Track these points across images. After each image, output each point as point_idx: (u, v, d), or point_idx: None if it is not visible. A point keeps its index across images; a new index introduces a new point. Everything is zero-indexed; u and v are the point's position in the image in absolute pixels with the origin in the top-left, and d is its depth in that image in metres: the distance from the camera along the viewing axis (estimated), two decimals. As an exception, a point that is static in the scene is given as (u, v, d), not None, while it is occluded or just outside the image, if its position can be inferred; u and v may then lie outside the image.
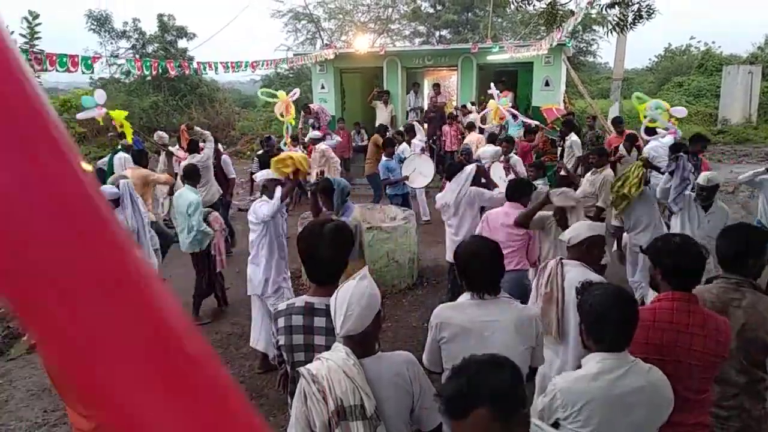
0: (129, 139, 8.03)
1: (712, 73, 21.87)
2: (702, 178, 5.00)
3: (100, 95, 8.10)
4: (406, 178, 8.46)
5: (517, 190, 4.78)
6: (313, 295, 2.36)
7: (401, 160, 8.75)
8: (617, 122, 9.82)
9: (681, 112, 8.09)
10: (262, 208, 4.53)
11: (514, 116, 10.73)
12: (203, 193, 7.14)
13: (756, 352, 2.67)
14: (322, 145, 9.25)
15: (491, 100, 10.58)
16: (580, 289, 2.62)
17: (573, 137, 9.15)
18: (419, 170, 8.46)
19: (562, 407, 2.16)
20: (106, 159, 9.56)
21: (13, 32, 8.75)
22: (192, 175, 6.13)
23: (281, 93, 9.55)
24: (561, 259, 3.28)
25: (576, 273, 3.02)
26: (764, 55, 24.21)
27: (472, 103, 13.18)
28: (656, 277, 2.58)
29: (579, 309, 2.35)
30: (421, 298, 6.48)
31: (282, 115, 9.50)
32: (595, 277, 2.86)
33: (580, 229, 3.21)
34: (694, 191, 5.10)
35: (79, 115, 8.34)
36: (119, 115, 8.17)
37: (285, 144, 9.81)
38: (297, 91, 10.03)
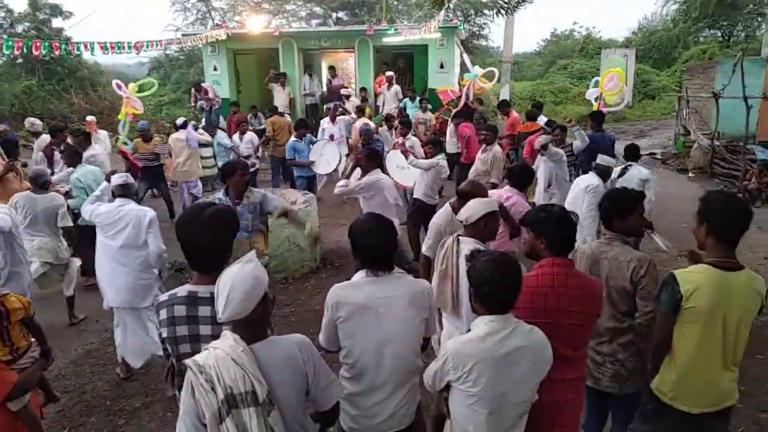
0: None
1: (592, 56, 23.43)
2: None
3: None
4: (312, 162, 8.45)
5: (522, 178, 4.79)
6: (197, 283, 2.24)
7: (312, 143, 8.69)
8: (503, 105, 10.29)
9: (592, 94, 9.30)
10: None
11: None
12: None
13: (619, 299, 2.95)
14: (178, 134, 8.73)
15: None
16: (468, 257, 2.75)
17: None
18: (326, 157, 8.46)
19: (453, 369, 2.24)
20: None
21: None
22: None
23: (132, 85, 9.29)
24: (458, 236, 3.36)
25: (470, 248, 3.10)
26: (638, 39, 26.30)
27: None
28: (537, 247, 2.71)
29: (468, 274, 2.43)
30: (324, 282, 6.44)
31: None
32: (476, 248, 2.98)
33: (476, 207, 3.27)
34: None
35: None
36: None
37: (120, 141, 9.46)
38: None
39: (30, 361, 2.70)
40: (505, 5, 5.87)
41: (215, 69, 14.42)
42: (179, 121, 8.98)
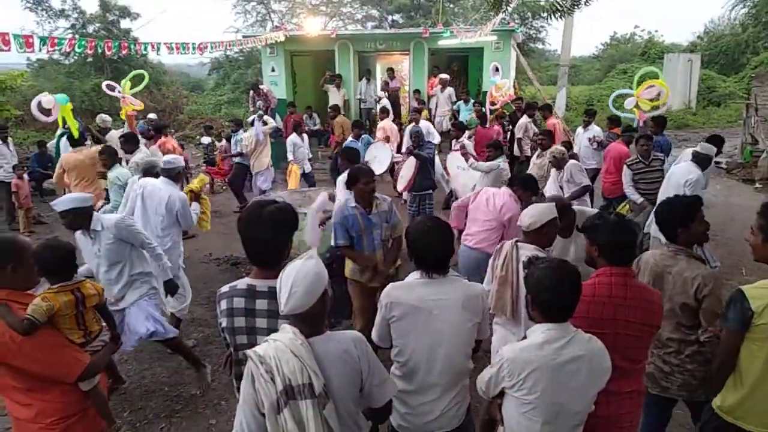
0: (75, 133, 7.66)
1: (654, 60, 22.64)
2: None
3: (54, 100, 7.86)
4: (366, 163, 8.51)
5: (531, 186, 4.67)
6: (255, 277, 2.31)
7: (368, 144, 8.78)
8: (545, 108, 10.16)
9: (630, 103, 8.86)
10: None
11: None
12: None
13: (683, 314, 2.86)
14: (249, 132, 9.06)
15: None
16: (526, 263, 2.71)
17: (523, 119, 9.47)
18: (378, 158, 8.53)
19: (509, 376, 2.23)
20: (53, 142, 9.29)
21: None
22: None
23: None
24: (516, 241, 3.33)
25: (531, 255, 3.07)
26: (703, 44, 25.25)
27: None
28: (593, 254, 2.67)
29: (525, 281, 2.41)
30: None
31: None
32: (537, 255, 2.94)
33: (541, 214, 3.23)
34: None
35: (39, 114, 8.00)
36: (66, 111, 7.86)
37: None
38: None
39: (100, 344, 2.83)
40: (561, 7, 5.75)
41: (273, 70, 14.73)
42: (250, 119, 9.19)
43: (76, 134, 7.61)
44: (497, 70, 10.89)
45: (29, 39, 6.90)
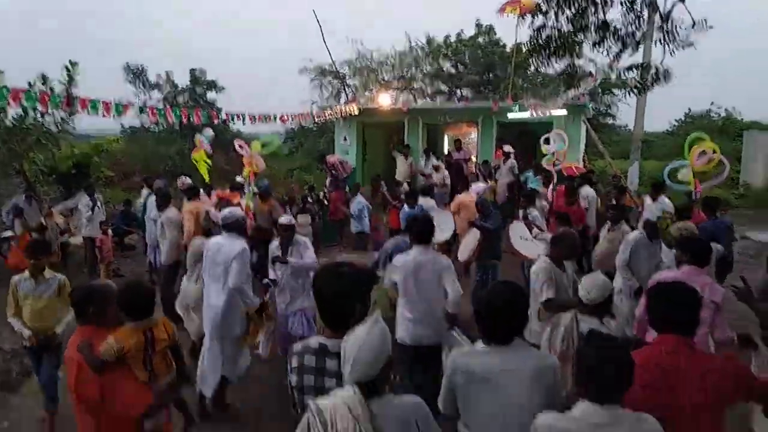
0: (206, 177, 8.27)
1: (733, 138, 21.89)
2: None
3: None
4: None
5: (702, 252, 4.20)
6: (328, 336, 2.34)
7: (423, 211, 8.82)
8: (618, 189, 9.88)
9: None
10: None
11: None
12: None
13: None
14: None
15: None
16: (586, 336, 2.59)
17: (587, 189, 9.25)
18: (439, 225, 8.49)
19: None
20: (141, 201, 10.01)
21: (53, 81, 9.26)
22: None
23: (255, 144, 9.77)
24: (576, 313, 3.25)
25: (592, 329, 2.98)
26: (786, 122, 24.20)
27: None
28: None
29: (576, 355, 2.29)
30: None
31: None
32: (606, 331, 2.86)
33: (604, 288, 3.18)
34: None
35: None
36: (200, 156, 8.58)
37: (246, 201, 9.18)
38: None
39: (166, 385, 2.91)
40: (639, 85, 5.75)
41: (345, 139, 15.34)
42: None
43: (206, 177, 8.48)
44: (547, 141, 10.72)
45: (127, 106, 7.63)
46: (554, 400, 2.47)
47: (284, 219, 5.53)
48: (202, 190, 8.91)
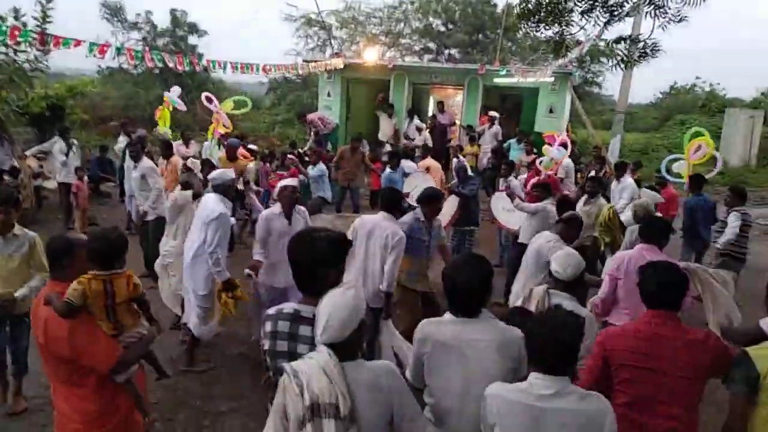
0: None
1: (714, 114, 22.05)
2: None
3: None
4: (407, 194, 8.51)
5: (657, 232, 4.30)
6: (303, 302, 2.35)
7: (405, 174, 8.80)
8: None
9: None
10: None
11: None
12: None
13: None
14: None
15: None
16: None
17: (566, 161, 9.33)
18: (419, 187, 8.49)
19: (491, 414, 2.18)
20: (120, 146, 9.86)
21: (24, 14, 8.86)
22: None
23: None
24: (548, 288, 3.30)
25: (565, 304, 3.03)
26: (767, 101, 24.44)
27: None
28: None
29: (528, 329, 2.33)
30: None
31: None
32: (572, 306, 2.94)
33: (579, 265, 3.24)
34: None
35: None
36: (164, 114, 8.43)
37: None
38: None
39: (135, 338, 2.84)
40: (626, 59, 5.68)
41: (329, 95, 15.09)
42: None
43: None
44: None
45: (104, 47, 7.35)
46: (519, 373, 2.51)
47: (289, 181, 5.40)
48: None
